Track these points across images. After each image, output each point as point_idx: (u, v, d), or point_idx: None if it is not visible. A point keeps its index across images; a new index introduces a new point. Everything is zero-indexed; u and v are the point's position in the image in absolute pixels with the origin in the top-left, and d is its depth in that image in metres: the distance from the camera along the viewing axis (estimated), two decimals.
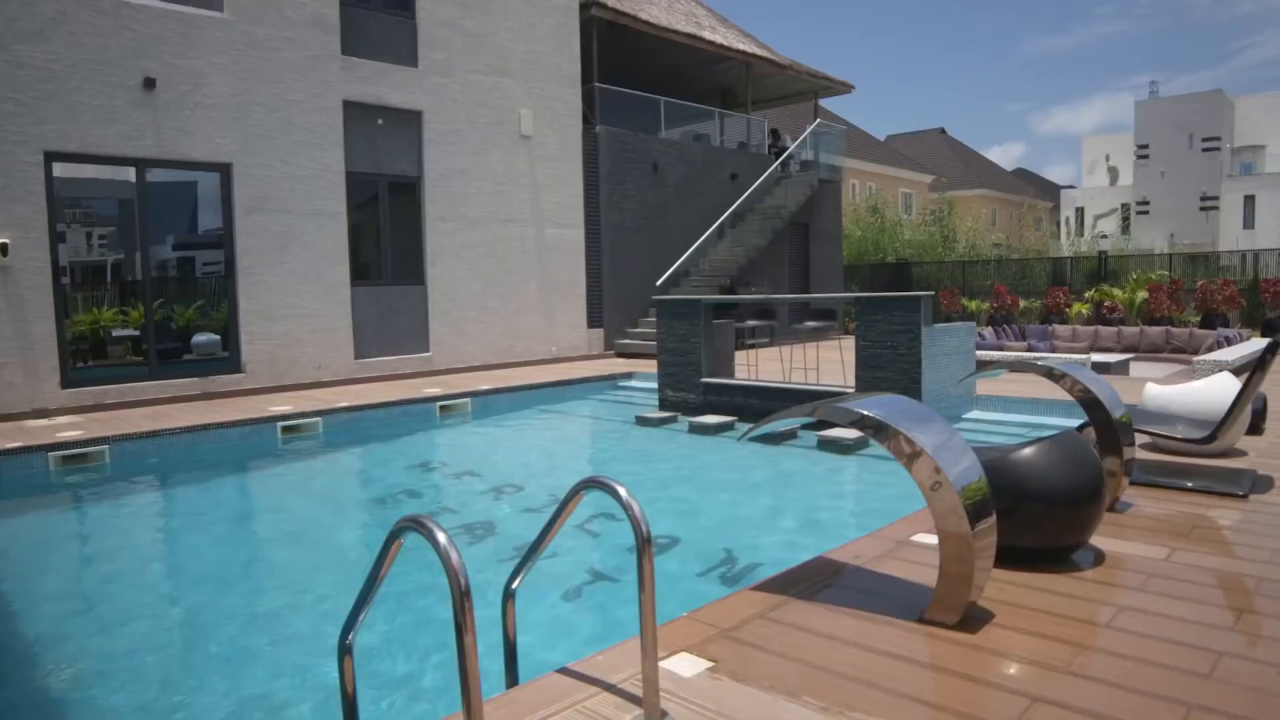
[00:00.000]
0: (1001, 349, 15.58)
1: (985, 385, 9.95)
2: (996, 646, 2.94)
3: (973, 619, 3.13)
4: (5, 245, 9.90)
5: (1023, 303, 19.81)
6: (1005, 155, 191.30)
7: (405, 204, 13.89)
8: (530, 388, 12.26)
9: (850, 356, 10.08)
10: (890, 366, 8.68)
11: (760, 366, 11.20)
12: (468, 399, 11.34)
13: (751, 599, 3.47)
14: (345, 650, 2.53)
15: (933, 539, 3.79)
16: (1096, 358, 13.06)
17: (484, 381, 12.56)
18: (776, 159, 21.08)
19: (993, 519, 3.05)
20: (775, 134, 23.08)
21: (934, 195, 44.72)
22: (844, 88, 23.35)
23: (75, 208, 11.05)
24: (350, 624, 2.49)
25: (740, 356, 11.55)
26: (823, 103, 26.96)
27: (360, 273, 13.25)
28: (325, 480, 8.70)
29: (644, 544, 2.30)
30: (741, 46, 20.06)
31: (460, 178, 14.32)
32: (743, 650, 2.96)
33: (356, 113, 13.00)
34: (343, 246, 12.83)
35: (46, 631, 4.62)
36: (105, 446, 8.51)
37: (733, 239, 19.19)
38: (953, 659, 2.85)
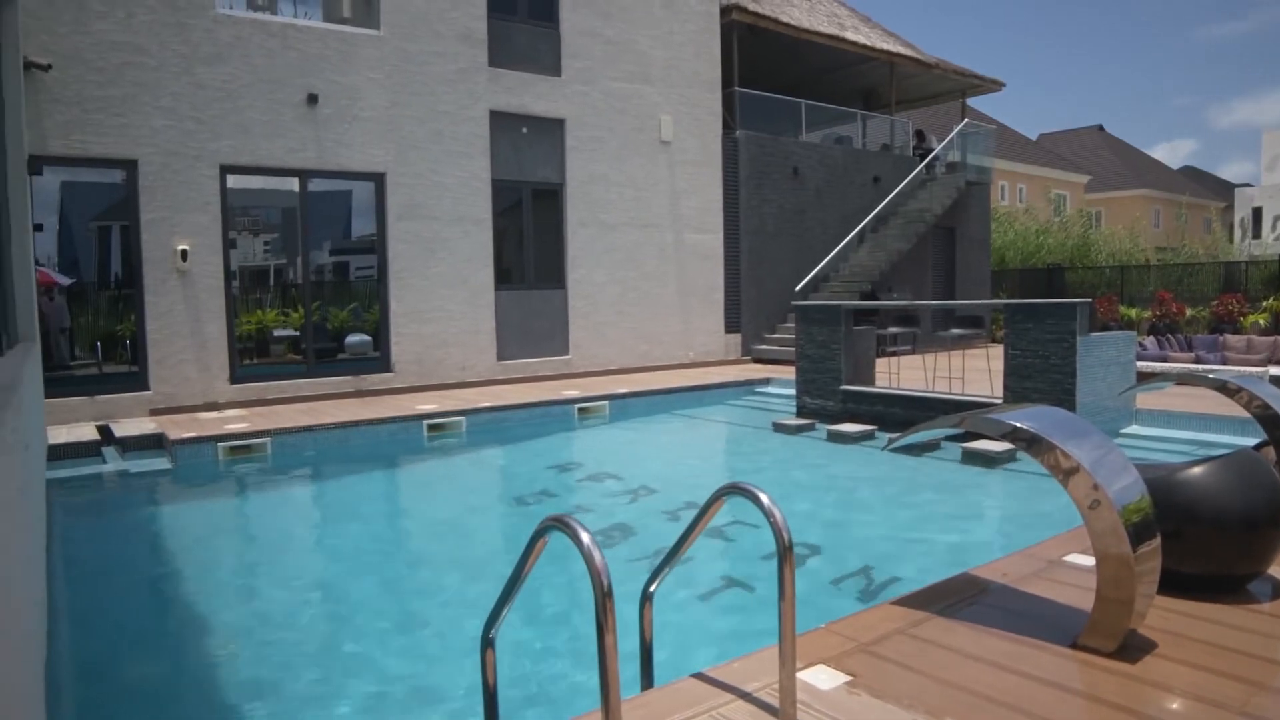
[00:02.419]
0: (1165, 360, 14.63)
1: (1146, 399, 9.36)
2: (1159, 679, 2.75)
3: (1132, 648, 2.94)
4: (185, 251, 10.71)
5: (1189, 311, 18.52)
6: (1173, 153, 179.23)
7: (547, 210, 14.23)
8: (667, 392, 12.32)
9: (998, 366, 9.67)
10: (1042, 377, 8.29)
11: (902, 374, 10.89)
12: (605, 402, 11.50)
13: (892, 613, 3.37)
14: (487, 644, 2.60)
15: (1088, 560, 3.58)
16: (1276, 371, 12.08)
17: (621, 385, 12.71)
18: (921, 161, 20.47)
19: (1157, 541, 2.85)
20: (920, 135, 22.42)
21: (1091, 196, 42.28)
22: (993, 85, 22.46)
23: (244, 216, 11.85)
24: (493, 619, 2.56)
25: (881, 364, 11.27)
26: (971, 102, 26.02)
27: (503, 277, 13.65)
28: (467, 477, 9.00)
29: (785, 552, 2.27)
30: (885, 46, 19.60)
31: (601, 184, 14.55)
32: (882, 666, 2.88)
33: (502, 122, 13.40)
34: (487, 252, 13.25)
35: (210, 606, 4.96)
36: (267, 439, 9.06)
37: (874, 243, 18.74)
38: (1109, 689, 2.69)
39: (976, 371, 11.58)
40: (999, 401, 8.66)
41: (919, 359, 13.60)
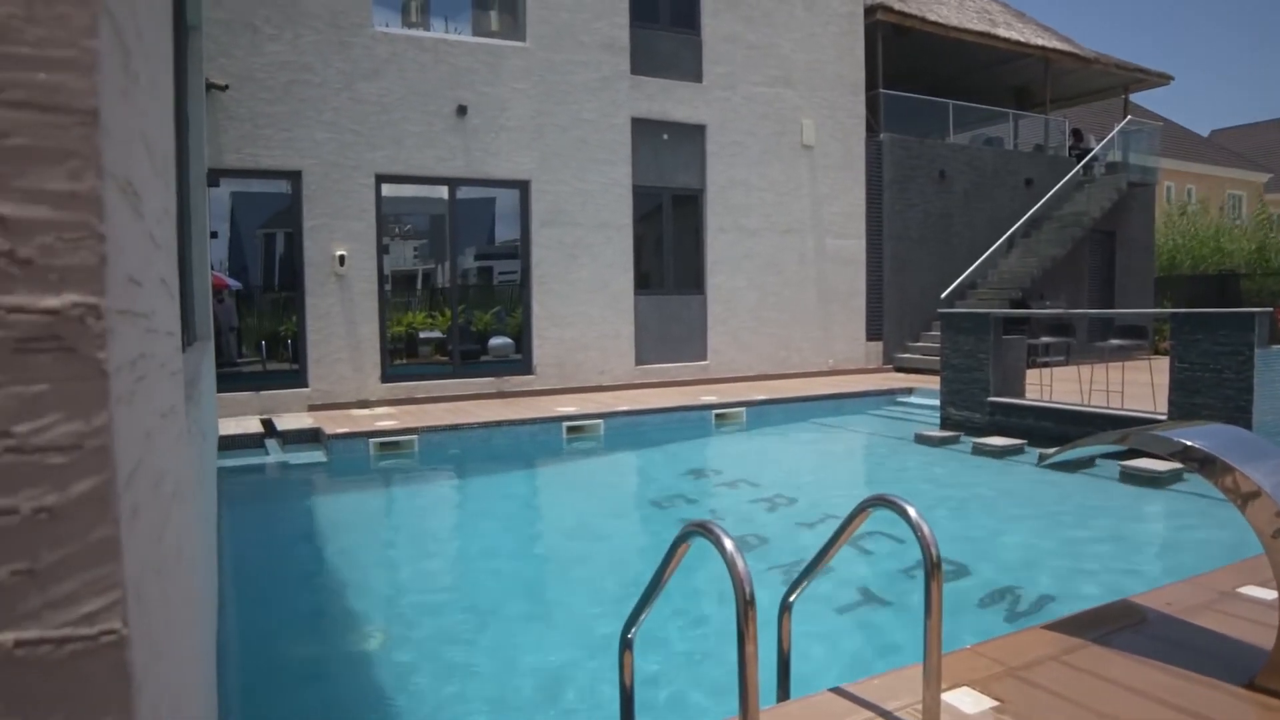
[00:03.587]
0: None
1: None
2: None
3: None
4: (343, 257, 11.30)
5: None
6: None
7: (687, 215, 14.28)
8: (805, 399, 12.14)
9: (1162, 380, 9.07)
10: (1212, 392, 7.72)
11: (1055, 387, 10.36)
12: (742, 408, 11.43)
13: (1043, 638, 3.20)
14: (626, 645, 2.62)
15: (1269, 594, 3.31)
16: None
17: (759, 391, 12.61)
18: (1078, 162, 19.44)
19: None
20: (1077, 134, 21.30)
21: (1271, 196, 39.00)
22: (1160, 80, 21.12)
23: (396, 223, 12.41)
24: (632, 620, 2.57)
25: (1032, 375, 10.76)
26: (1134, 97, 24.49)
27: (642, 282, 13.78)
28: (604, 479, 9.12)
29: (933, 568, 2.20)
30: (1040, 41, 18.73)
31: (741, 189, 14.49)
32: (1031, 693, 2.74)
33: (643, 128, 13.54)
34: (628, 257, 13.41)
35: (357, 592, 5.20)
36: (415, 436, 9.44)
37: (1025, 249, 17.93)
38: None
39: (1138, 385, 10.91)
40: (1163, 418, 8.12)
41: (1073, 370, 12.90)
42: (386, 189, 11.74)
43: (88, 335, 0.76)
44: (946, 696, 2.67)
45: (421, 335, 12.39)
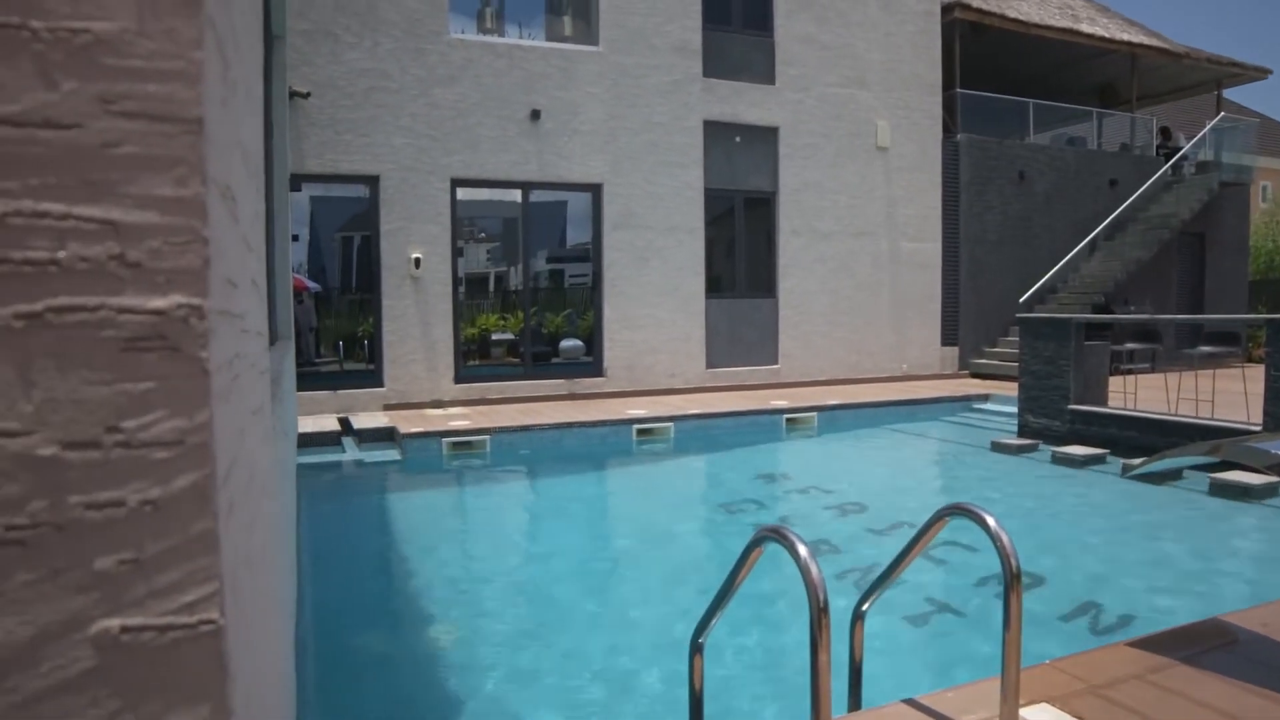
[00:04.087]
0: None
1: None
2: None
3: None
4: (418, 259, 11.52)
5: None
6: None
7: (759, 218, 14.20)
8: (878, 405, 11.97)
9: (1256, 389, 8.70)
10: None
11: (1140, 395, 10.02)
12: (814, 413, 11.32)
13: (1127, 655, 3.10)
14: (696, 649, 2.62)
15: None
16: None
17: (831, 396, 12.47)
18: (1166, 161, 18.78)
19: None
20: (1165, 133, 20.57)
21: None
22: (1257, 74, 20.26)
23: (470, 226, 12.61)
24: (703, 624, 2.57)
25: (1115, 383, 10.42)
26: (1228, 93, 23.55)
27: (713, 285, 13.74)
28: (674, 482, 9.12)
29: (1013, 579, 2.15)
30: (1126, 37, 18.15)
31: (814, 191, 14.36)
32: (1115, 712, 2.65)
33: (715, 131, 13.51)
34: (699, 260, 13.39)
35: (427, 586, 5.29)
36: (487, 437, 9.57)
37: (1108, 252, 17.38)
38: None
39: (1230, 394, 10.48)
40: (1258, 429, 7.78)
41: (1159, 378, 12.45)
42: (461, 193, 11.93)
43: (191, 335, 0.79)
44: (1025, 712, 2.60)
45: (494, 337, 12.56)
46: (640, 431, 10.22)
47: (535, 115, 12.10)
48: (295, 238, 11.03)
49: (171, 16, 0.77)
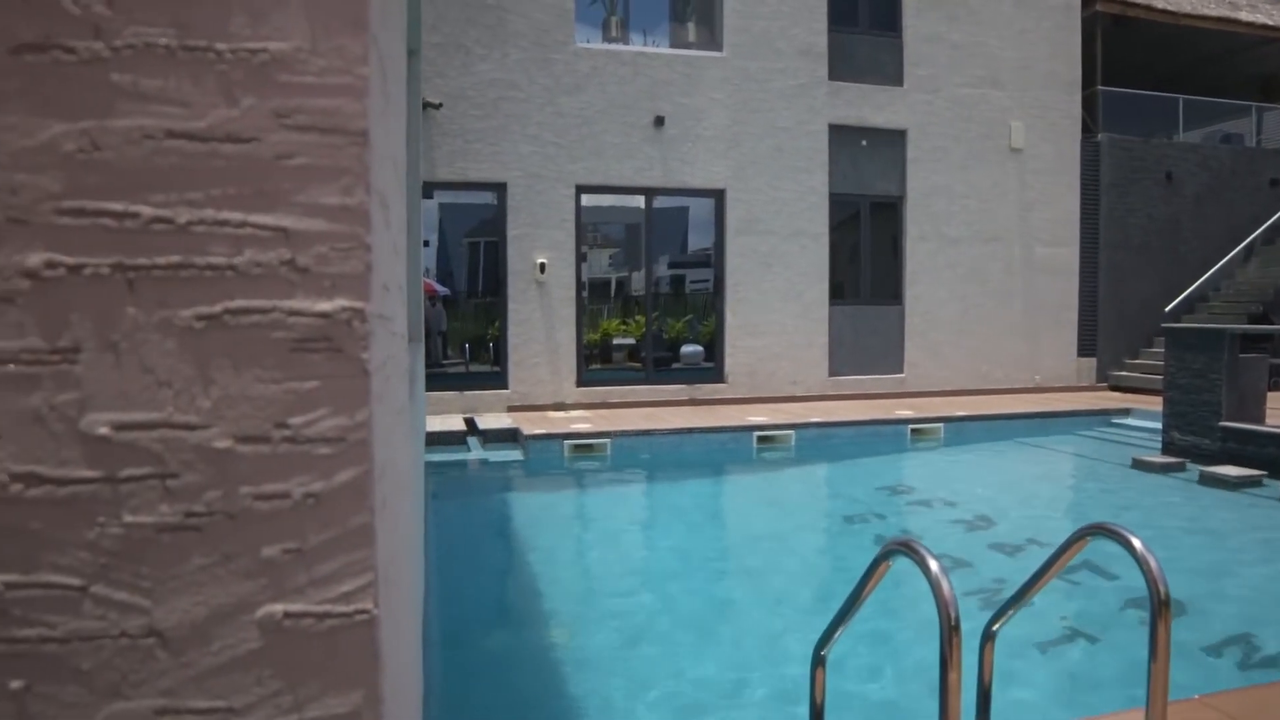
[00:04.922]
0: None
1: None
2: None
3: None
4: (544, 264, 11.76)
5: None
6: None
7: (885, 223, 13.90)
8: (1009, 417, 11.51)
9: None
10: None
11: None
12: (940, 424, 10.99)
13: None
14: (819, 662, 2.58)
15: None
16: None
17: (958, 407, 12.07)
18: None
19: None
20: None
21: None
22: None
23: (594, 231, 12.80)
24: (827, 637, 2.53)
25: (1274, 399, 9.73)
26: None
27: (837, 292, 13.51)
28: (795, 491, 9.01)
29: (1161, 606, 2.03)
30: None
31: (943, 195, 13.95)
32: None
33: (841, 135, 13.30)
34: (822, 266, 13.20)
35: (547, 586, 5.37)
36: (608, 440, 9.68)
37: (1268, 257, 16.22)
38: None
39: None
40: None
41: None
42: (585, 199, 12.13)
43: (354, 337, 0.83)
44: None
45: (615, 341, 12.70)
46: (761, 439, 10.14)
47: (659, 122, 12.18)
48: (426, 243, 11.44)
49: (341, 35, 0.82)
